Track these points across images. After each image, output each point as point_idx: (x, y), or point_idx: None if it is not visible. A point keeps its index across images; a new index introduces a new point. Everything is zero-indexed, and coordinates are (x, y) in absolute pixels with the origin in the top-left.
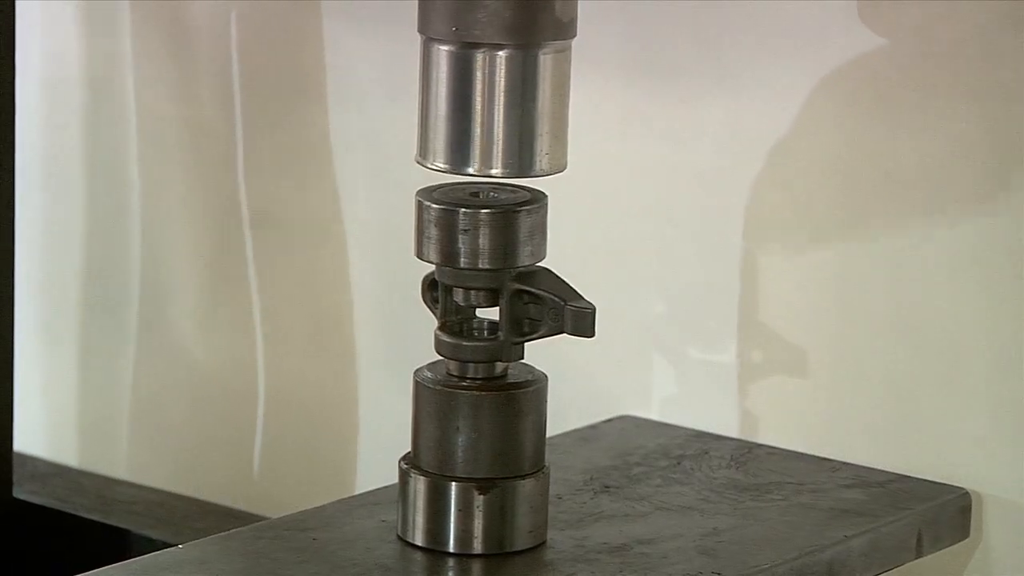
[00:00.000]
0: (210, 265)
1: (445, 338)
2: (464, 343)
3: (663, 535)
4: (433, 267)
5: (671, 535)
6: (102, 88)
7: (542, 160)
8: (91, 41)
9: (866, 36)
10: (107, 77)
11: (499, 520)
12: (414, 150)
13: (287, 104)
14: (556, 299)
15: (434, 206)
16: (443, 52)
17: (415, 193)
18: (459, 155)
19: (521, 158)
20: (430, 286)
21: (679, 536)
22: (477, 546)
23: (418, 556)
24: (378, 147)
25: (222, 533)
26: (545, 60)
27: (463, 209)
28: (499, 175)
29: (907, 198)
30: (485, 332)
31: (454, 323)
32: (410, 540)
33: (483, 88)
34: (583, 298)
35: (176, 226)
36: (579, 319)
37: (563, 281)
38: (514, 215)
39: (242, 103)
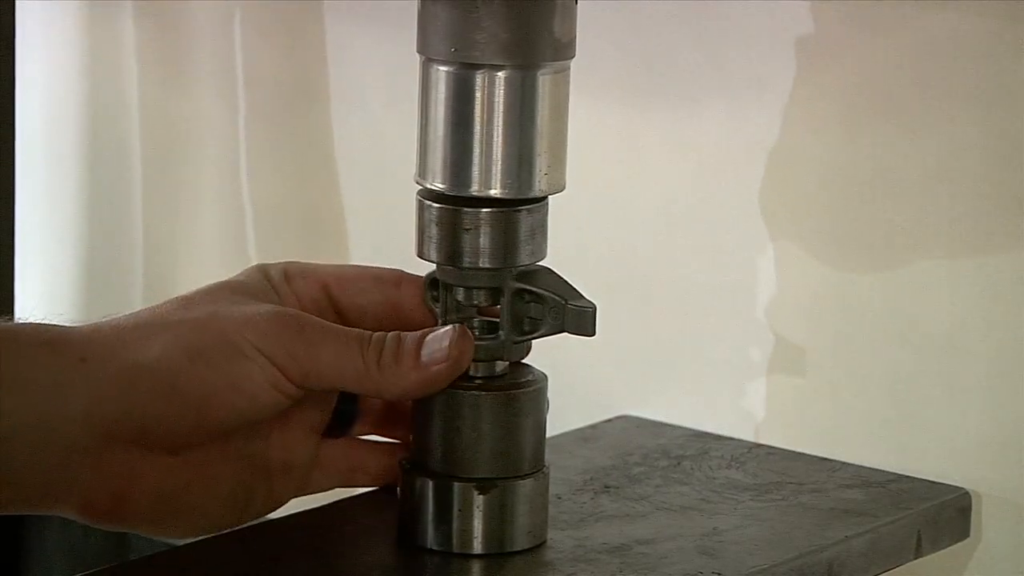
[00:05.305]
0: (212, 266)
1: None
2: None
3: (663, 535)
4: (433, 266)
5: (671, 535)
6: (104, 87)
7: (541, 180)
8: (93, 41)
9: (865, 37)
10: (109, 77)
11: (499, 520)
12: (414, 168)
13: (289, 104)
14: (557, 298)
15: (435, 205)
16: (442, 72)
17: (416, 192)
18: (458, 175)
19: (520, 178)
20: (431, 285)
21: (679, 536)
22: (477, 546)
23: (418, 556)
24: (380, 147)
25: (222, 533)
26: (544, 80)
27: (464, 208)
28: (498, 195)
29: (907, 198)
30: (486, 331)
31: (454, 322)
32: (410, 540)
33: (482, 108)
34: (584, 297)
35: (178, 226)
36: (580, 318)
37: (564, 280)
38: (515, 214)
39: (245, 103)
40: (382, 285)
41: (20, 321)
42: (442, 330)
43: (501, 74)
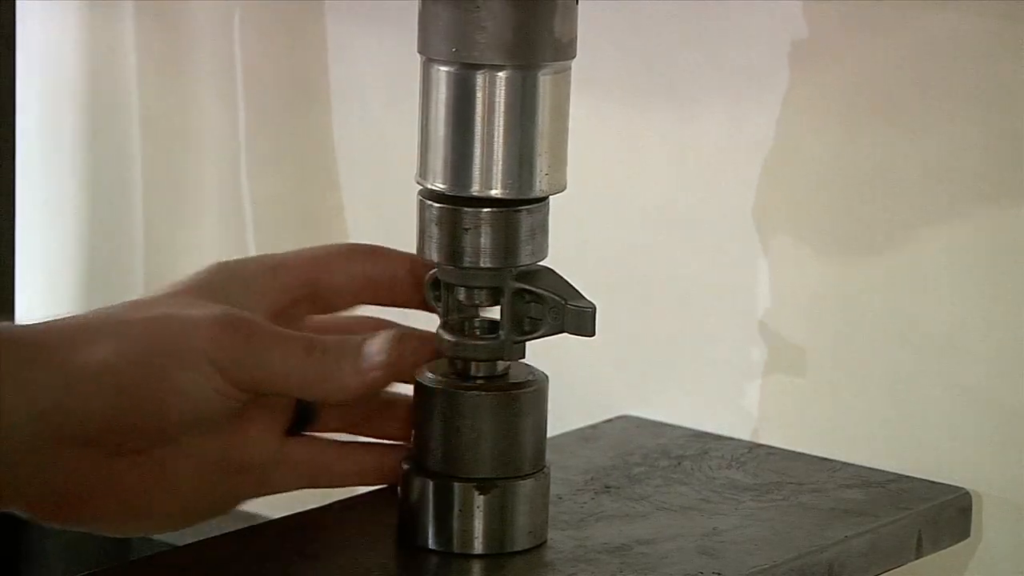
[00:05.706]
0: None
1: (446, 337)
2: (465, 342)
3: (663, 535)
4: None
5: (671, 535)
6: (104, 88)
7: (542, 180)
8: (93, 40)
9: (865, 37)
10: (109, 77)
11: (499, 520)
12: (414, 168)
13: (289, 104)
14: (557, 298)
15: (436, 205)
16: (443, 73)
17: (417, 192)
18: (459, 175)
19: (521, 178)
20: (432, 285)
21: (679, 536)
22: (477, 546)
23: (418, 556)
24: (380, 147)
25: (222, 533)
26: (545, 81)
27: (465, 208)
28: (499, 195)
29: (907, 198)
30: (486, 331)
31: (456, 322)
32: (410, 540)
33: (483, 109)
34: (584, 297)
35: (178, 226)
36: (579, 318)
37: (564, 280)
38: (515, 214)
39: (245, 103)
40: (358, 258)
41: None
42: (382, 334)
43: (502, 74)
